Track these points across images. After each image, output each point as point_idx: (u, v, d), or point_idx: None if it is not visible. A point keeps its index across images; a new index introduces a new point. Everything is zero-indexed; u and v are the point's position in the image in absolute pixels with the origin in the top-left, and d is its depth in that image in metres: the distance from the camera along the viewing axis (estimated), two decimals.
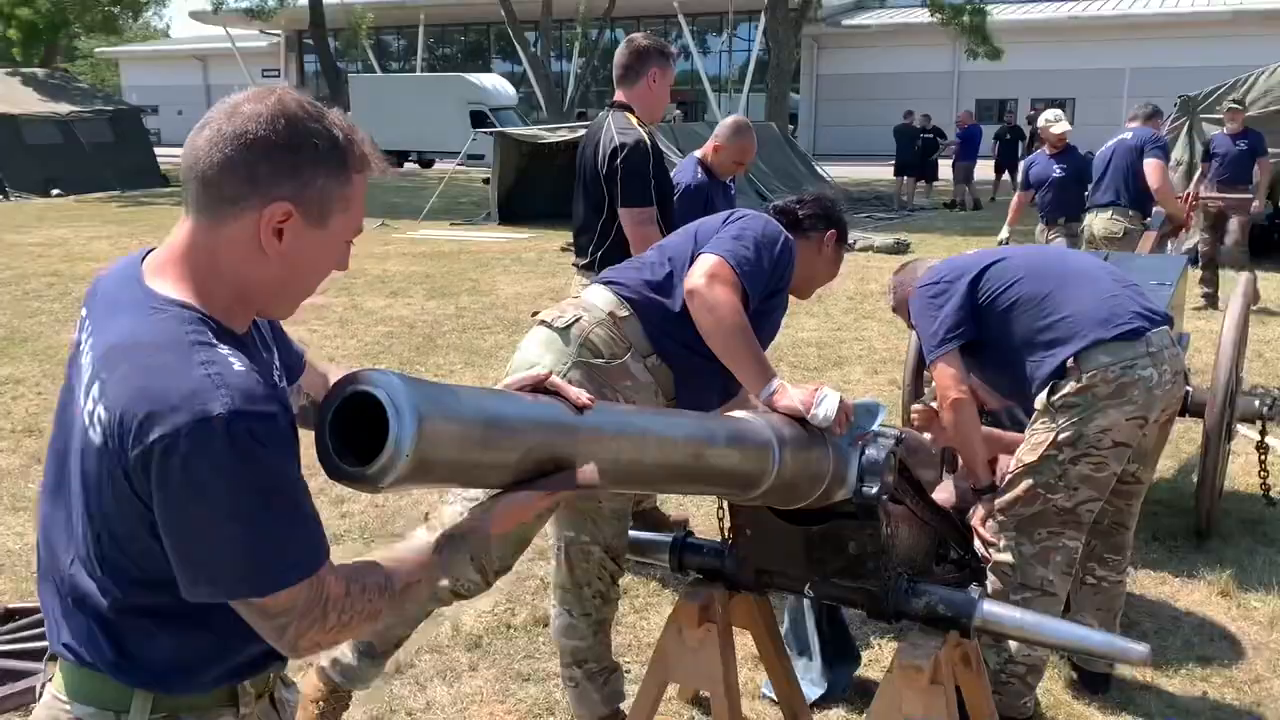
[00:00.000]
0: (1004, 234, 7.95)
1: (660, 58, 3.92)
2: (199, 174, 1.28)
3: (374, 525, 4.52)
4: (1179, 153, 11.05)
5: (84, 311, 1.37)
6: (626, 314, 2.69)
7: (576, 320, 2.67)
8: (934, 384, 3.11)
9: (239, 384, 1.20)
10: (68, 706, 1.36)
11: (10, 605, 3.37)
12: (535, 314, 2.83)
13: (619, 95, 3.96)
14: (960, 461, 3.31)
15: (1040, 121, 7.81)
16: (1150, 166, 6.83)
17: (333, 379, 1.53)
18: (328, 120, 1.31)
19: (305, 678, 2.78)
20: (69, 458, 1.30)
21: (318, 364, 1.65)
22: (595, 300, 2.74)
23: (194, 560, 1.21)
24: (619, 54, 3.96)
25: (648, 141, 3.80)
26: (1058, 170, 7.55)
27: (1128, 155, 6.98)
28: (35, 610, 3.32)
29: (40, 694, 1.43)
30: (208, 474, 1.16)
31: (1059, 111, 7.85)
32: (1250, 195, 9.31)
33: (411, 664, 3.39)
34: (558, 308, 2.77)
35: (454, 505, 2.58)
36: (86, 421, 1.25)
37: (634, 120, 3.88)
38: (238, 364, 1.22)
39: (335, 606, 1.26)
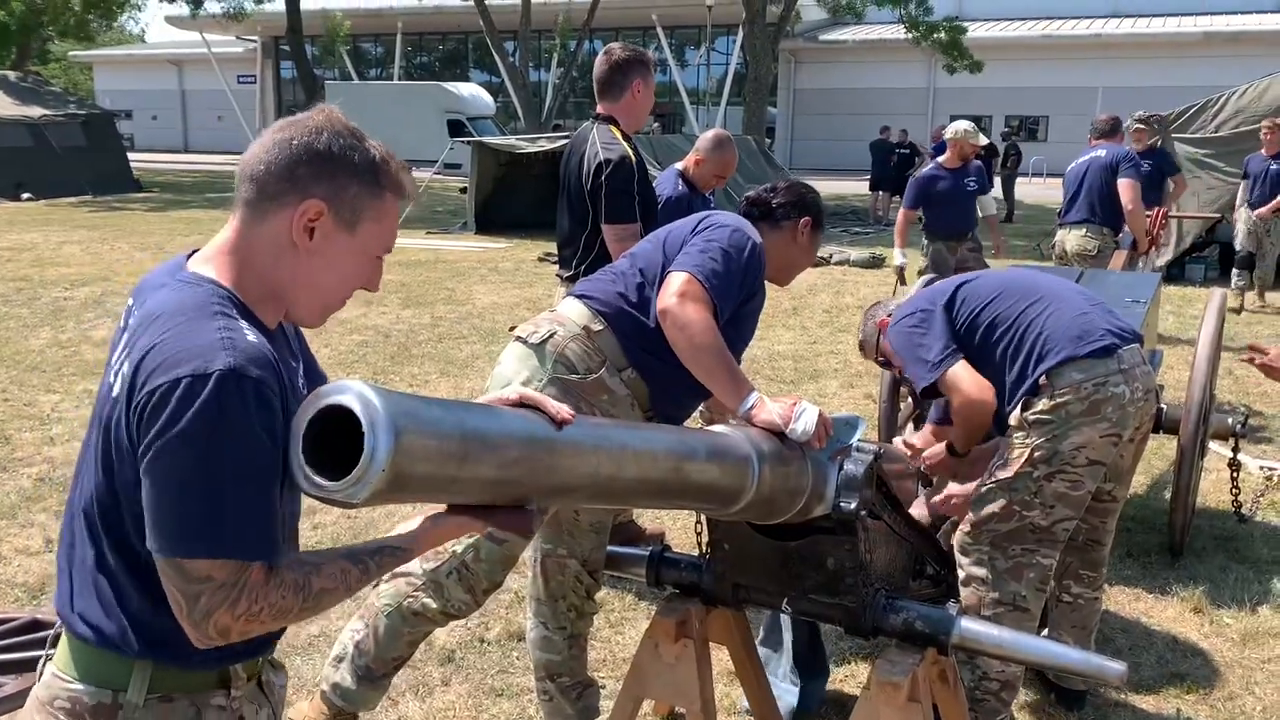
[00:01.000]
0: (899, 259, 7.45)
1: (642, 68, 3.92)
2: (249, 174, 1.42)
3: (346, 537, 4.47)
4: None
5: (130, 302, 1.48)
6: (600, 328, 2.68)
7: (551, 335, 2.67)
8: (931, 405, 3.11)
9: (246, 348, 1.30)
10: (69, 684, 1.40)
11: None
12: (512, 329, 2.82)
13: (601, 108, 3.95)
14: (934, 477, 3.30)
15: (956, 133, 7.16)
16: (1124, 186, 6.84)
17: None
18: (368, 142, 1.46)
19: (312, 703, 2.77)
20: (96, 418, 1.39)
21: None
22: (570, 314, 2.73)
23: (156, 505, 1.27)
24: (598, 67, 3.94)
25: (632, 158, 3.80)
26: (970, 184, 7.21)
27: (1101, 173, 6.98)
28: (3, 621, 3.25)
29: (41, 673, 1.46)
30: (191, 423, 1.24)
31: (971, 123, 7.40)
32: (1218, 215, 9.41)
33: None
34: (533, 322, 2.76)
35: None
36: (112, 379, 1.36)
37: (618, 134, 3.87)
38: (252, 336, 1.33)
39: (250, 593, 1.28)
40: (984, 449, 3.12)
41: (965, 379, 2.93)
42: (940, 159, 7.31)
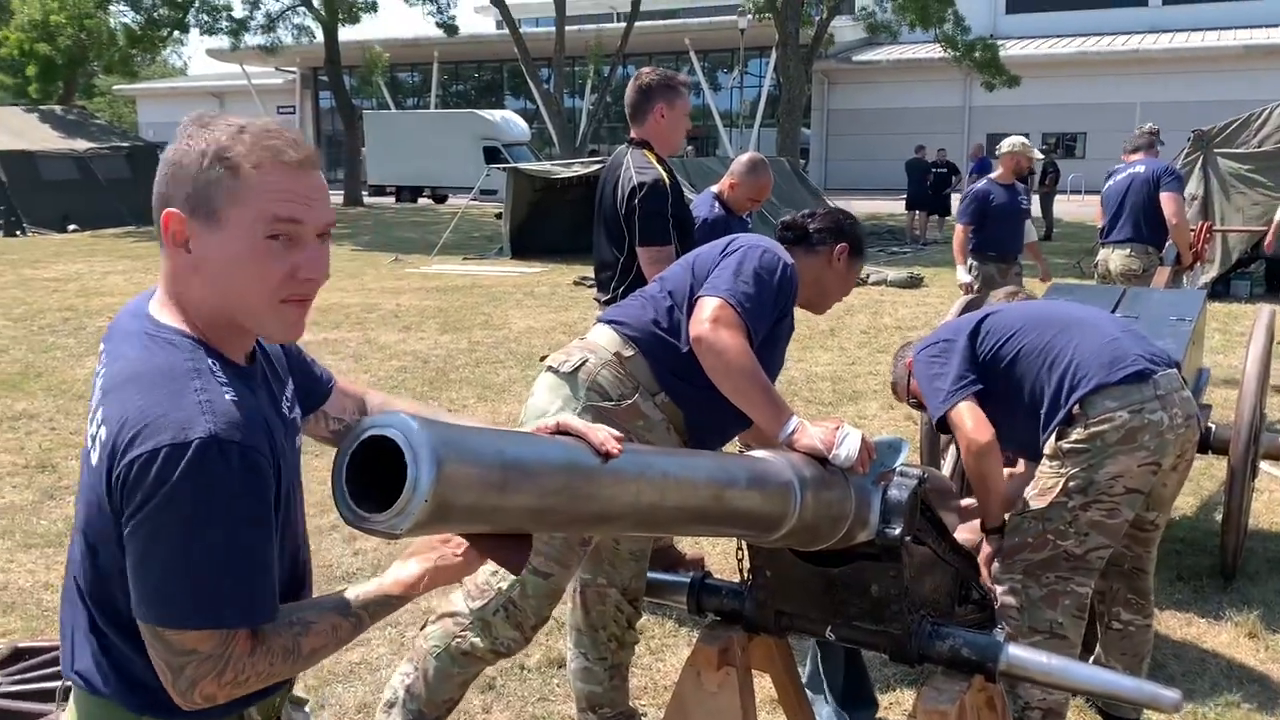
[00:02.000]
0: (965, 276, 7.10)
1: (666, 91, 3.88)
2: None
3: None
4: (1193, 187, 11.05)
5: (102, 346, 1.42)
6: (632, 353, 2.66)
7: (583, 363, 2.65)
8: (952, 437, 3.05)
9: (225, 412, 1.24)
10: None
11: (20, 644, 3.33)
12: (544, 358, 2.80)
13: (634, 132, 3.96)
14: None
15: (1013, 146, 7.06)
16: (1167, 200, 6.68)
17: (370, 401, 1.62)
18: (216, 127, 1.32)
19: None
20: (80, 489, 1.35)
21: (350, 388, 1.67)
22: (600, 341, 2.71)
23: (139, 576, 1.23)
24: (628, 92, 3.96)
25: (666, 181, 3.79)
26: (1023, 201, 7.10)
27: (1144, 189, 6.79)
28: (45, 649, 3.28)
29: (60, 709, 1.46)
30: (172, 492, 1.19)
31: (1025, 137, 7.20)
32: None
33: None
34: (564, 351, 2.74)
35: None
36: (89, 444, 1.30)
37: (652, 158, 3.87)
38: (230, 394, 1.27)
39: (235, 665, 1.26)
40: (1017, 480, 3.07)
41: (965, 417, 2.86)
42: (993, 174, 7.12)
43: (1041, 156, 7.09)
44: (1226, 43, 31.60)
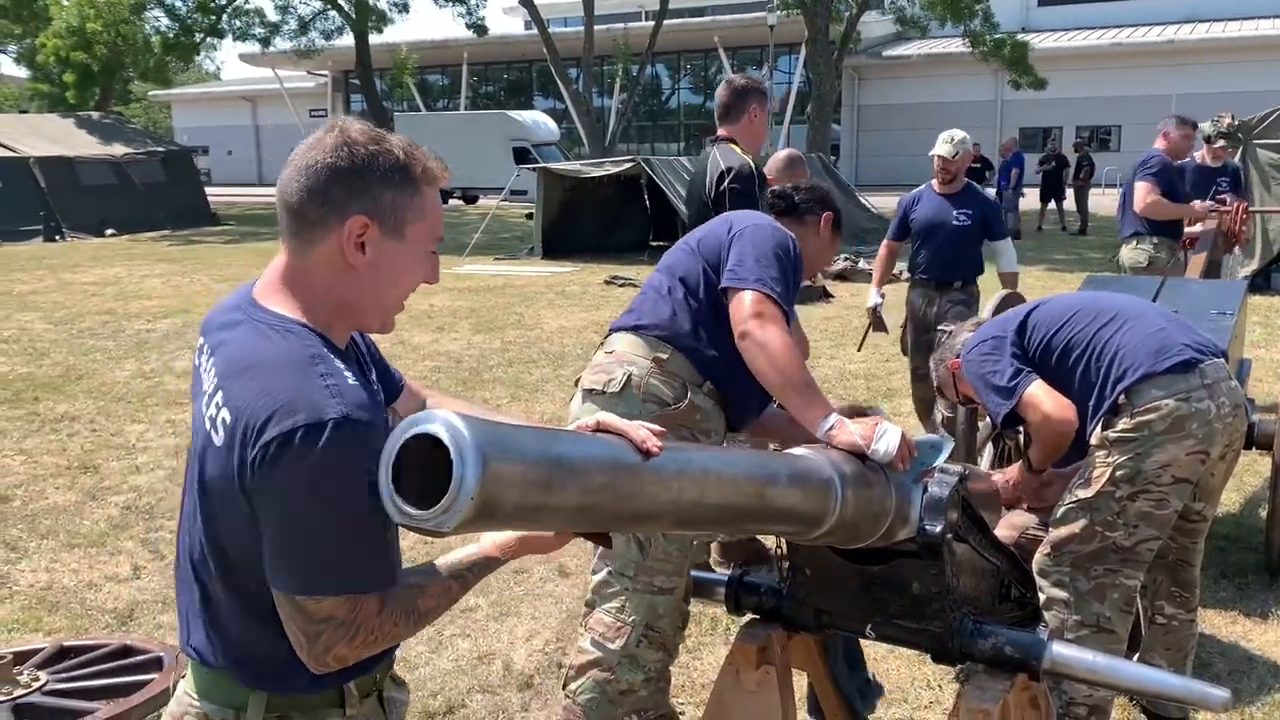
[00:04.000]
0: (874, 300, 5.91)
1: (758, 94, 4.20)
2: (285, 205, 1.44)
3: (421, 560, 4.49)
4: None
5: (200, 340, 1.52)
6: (668, 354, 2.65)
7: (628, 378, 2.62)
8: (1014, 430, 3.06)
9: (353, 394, 1.34)
10: (195, 702, 1.48)
11: (65, 643, 3.37)
12: (577, 382, 2.78)
13: (722, 130, 4.23)
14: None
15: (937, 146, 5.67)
16: (1134, 190, 6.63)
17: (430, 404, 1.71)
18: (387, 142, 1.44)
19: None
20: (194, 463, 1.43)
21: (417, 389, 1.76)
22: (632, 350, 2.68)
23: (279, 550, 1.32)
24: (719, 94, 4.28)
25: (751, 166, 4.05)
26: (960, 217, 5.55)
27: (1127, 186, 6.87)
28: (90, 648, 3.33)
29: (173, 690, 1.56)
30: (312, 470, 1.28)
31: (960, 133, 5.72)
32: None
33: (463, 703, 3.35)
34: (599, 370, 2.69)
35: (599, 573, 2.67)
36: (209, 426, 1.37)
37: (738, 149, 4.12)
38: (351, 378, 1.37)
39: (366, 627, 1.35)
40: (1063, 472, 3.04)
41: (1043, 398, 2.86)
42: (933, 181, 5.83)
43: (949, 152, 5.62)
44: (1264, 32, 31.08)
